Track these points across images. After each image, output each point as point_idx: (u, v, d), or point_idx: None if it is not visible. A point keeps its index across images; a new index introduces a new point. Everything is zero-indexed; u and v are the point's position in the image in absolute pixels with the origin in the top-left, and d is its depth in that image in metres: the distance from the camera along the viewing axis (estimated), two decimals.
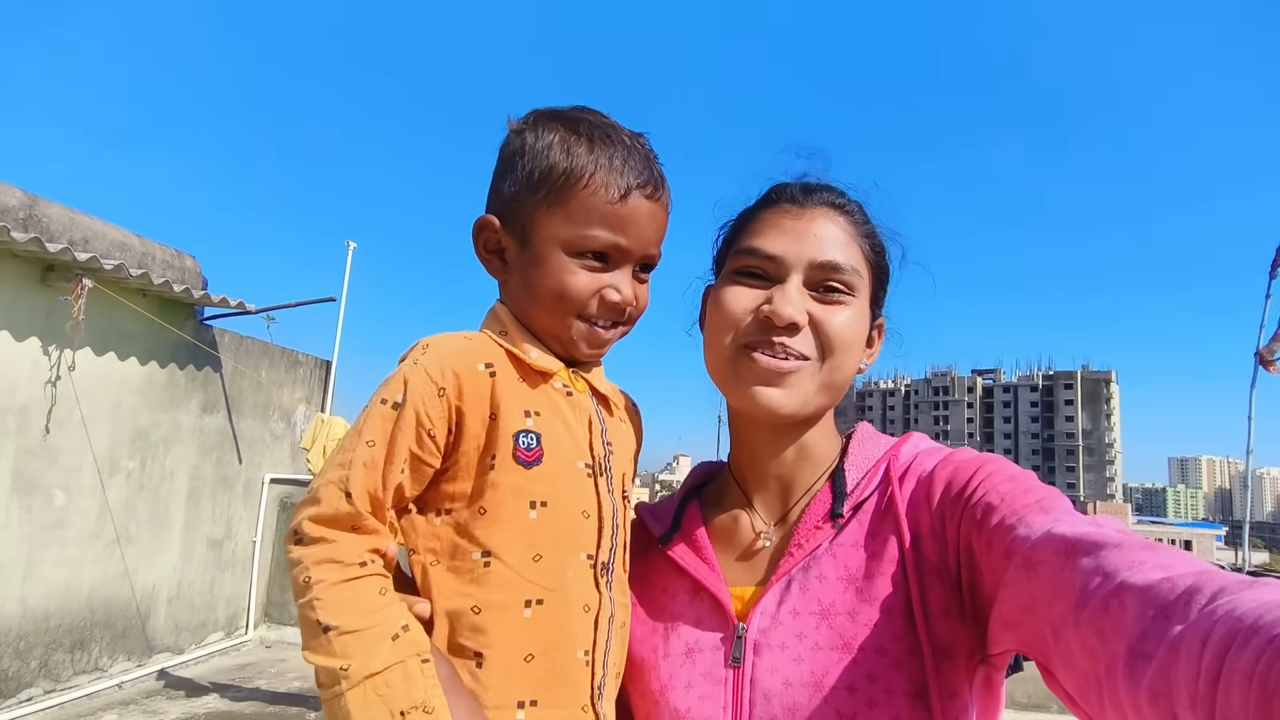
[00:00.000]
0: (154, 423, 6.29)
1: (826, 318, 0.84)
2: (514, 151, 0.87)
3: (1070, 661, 0.57)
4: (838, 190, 0.91)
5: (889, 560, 0.78)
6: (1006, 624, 0.67)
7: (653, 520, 0.96)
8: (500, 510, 0.79)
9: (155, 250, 6.31)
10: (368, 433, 0.77)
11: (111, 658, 5.94)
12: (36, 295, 5.21)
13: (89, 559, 5.72)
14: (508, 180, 0.87)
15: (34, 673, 5.29)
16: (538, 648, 0.78)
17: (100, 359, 5.76)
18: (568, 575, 0.81)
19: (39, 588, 5.34)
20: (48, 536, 5.39)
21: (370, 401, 0.79)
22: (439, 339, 0.83)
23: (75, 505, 5.59)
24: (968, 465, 0.79)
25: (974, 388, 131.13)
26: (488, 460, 0.80)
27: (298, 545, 0.75)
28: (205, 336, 6.81)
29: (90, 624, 5.74)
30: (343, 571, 0.73)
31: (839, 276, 0.85)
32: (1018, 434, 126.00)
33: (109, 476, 5.86)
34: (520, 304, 0.88)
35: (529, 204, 0.85)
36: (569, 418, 0.86)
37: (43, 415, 5.30)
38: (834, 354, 0.84)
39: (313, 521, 0.75)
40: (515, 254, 0.88)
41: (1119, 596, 0.52)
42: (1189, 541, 71.08)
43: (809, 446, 0.89)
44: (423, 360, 0.80)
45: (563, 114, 0.89)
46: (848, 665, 0.74)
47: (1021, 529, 0.66)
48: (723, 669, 0.80)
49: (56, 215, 5.41)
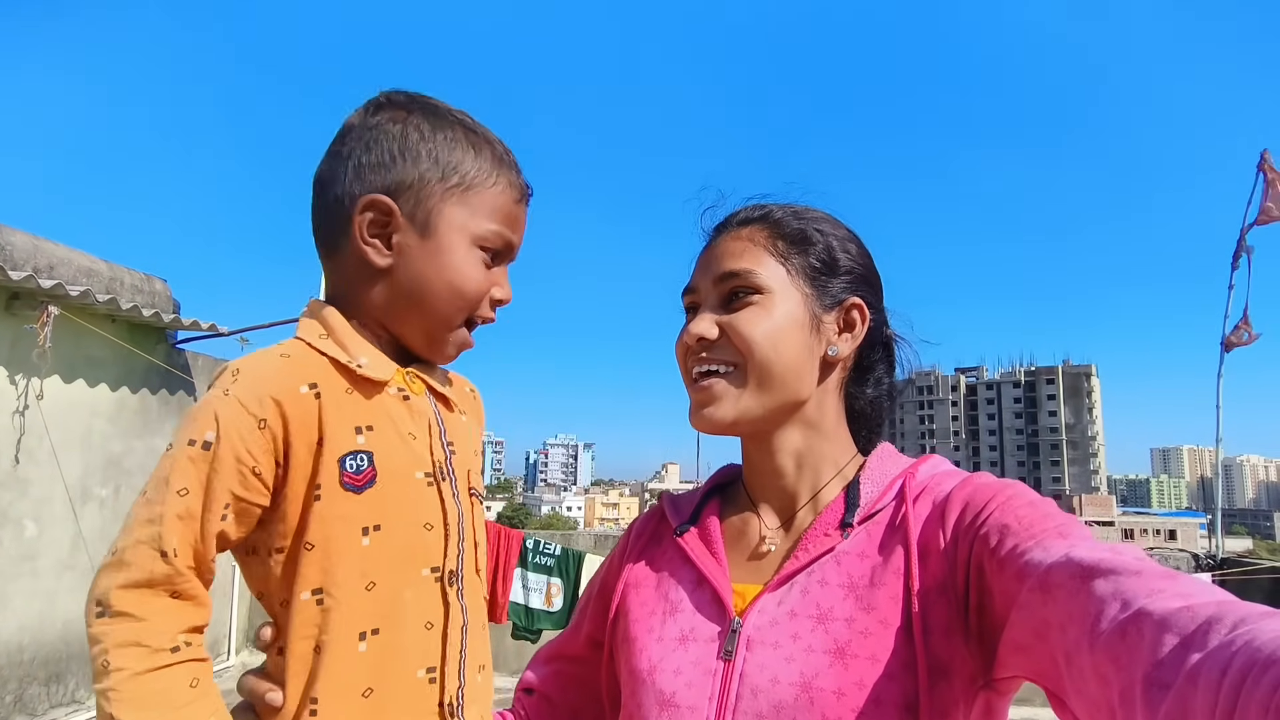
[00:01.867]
0: (127, 449, 6.22)
1: (734, 321, 0.87)
2: (411, 135, 0.82)
3: (1083, 688, 0.57)
4: (750, 207, 0.95)
5: (893, 573, 0.78)
6: (1017, 648, 0.67)
7: (673, 511, 0.98)
8: (330, 544, 0.74)
9: (124, 275, 6.26)
10: (177, 480, 0.69)
11: (88, 690, 5.83)
12: (1, 325, 5.15)
13: (63, 590, 5.62)
14: (403, 163, 0.80)
15: (9, 707, 5.19)
16: (375, 680, 0.75)
17: (69, 386, 5.69)
18: (404, 596, 0.78)
19: (12, 621, 5.25)
20: (19, 569, 5.30)
21: (174, 444, 0.71)
22: (251, 361, 0.76)
23: (47, 535, 5.51)
24: (987, 489, 0.79)
25: (957, 386, 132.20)
26: (313, 492, 0.75)
27: (100, 619, 0.66)
28: (177, 360, 6.74)
29: (66, 656, 5.64)
30: (149, 659, 0.66)
31: (738, 281, 0.88)
32: (1002, 430, 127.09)
33: (81, 505, 5.78)
34: (390, 299, 0.82)
35: (436, 192, 0.81)
36: (406, 426, 0.81)
37: (11, 445, 5.23)
38: (754, 351, 0.85)
39: (122, 590, 0.67)
40: (412, 242, 0.80)
41: (1137, 624, 0.52)
42: (1173, 530, 71.92)
43: (805, 453, 0.90)
44: (235, 389, 0.72)
45: (448, 108, 0.86)
46: (839, 670, 0.74)
47: (1037, 552, 0.66)
48: (714, 660, 0.81)
49: (20, 242, 5.35)
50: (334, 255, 0.83)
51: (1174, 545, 42.83)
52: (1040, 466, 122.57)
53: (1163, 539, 70.25)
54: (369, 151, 0.81)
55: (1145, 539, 69.78)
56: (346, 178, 0.81)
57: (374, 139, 0.81)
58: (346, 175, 0.81)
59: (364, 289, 0.82)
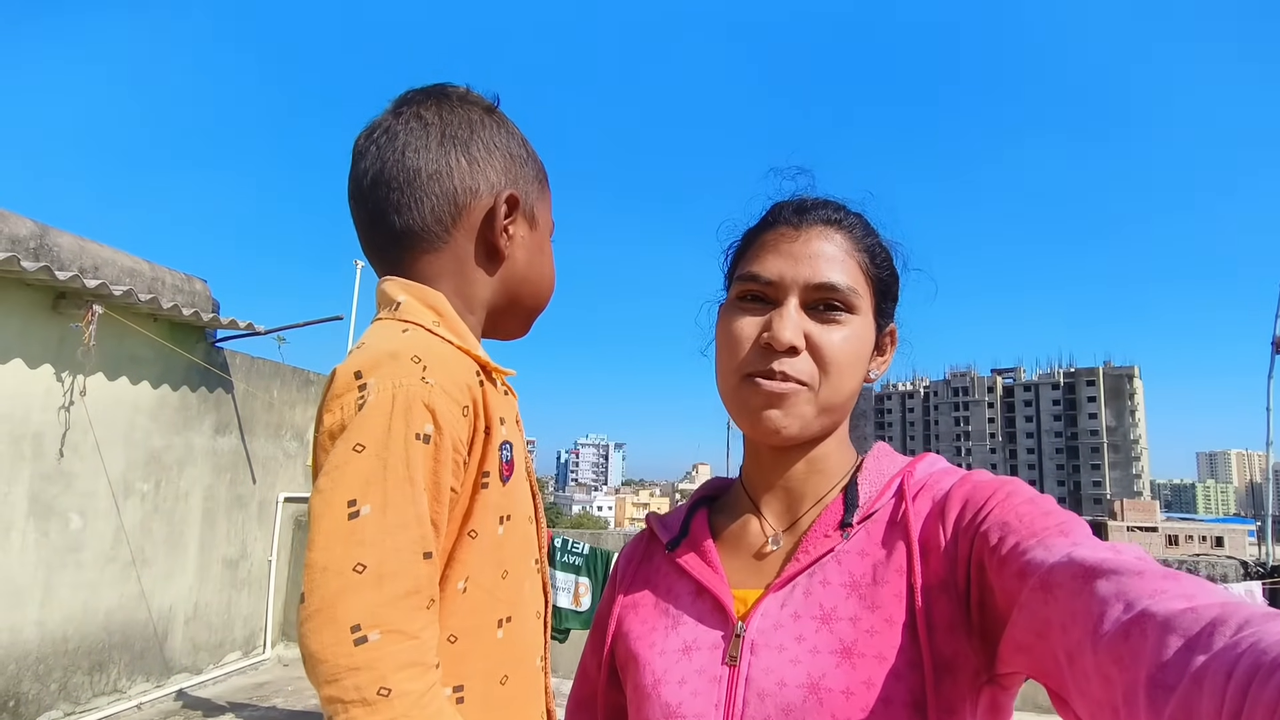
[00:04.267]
0: (167, 445, 6.37)
1: (824, 338, 0.84)
2: (509, 133, 0.86)
3: (1085, 689, 0.56)
4: (834, 205, 0.90)
5: (895, 570, 0.77)
6: (1019, 647, 0.66)
7: (661, 529, 0.97)
8: (480, 531, 0.75)
9: (165, 275, 6.41)
10: (419, 476, 0.65)
11: (130, 679, 6.00)
12: (48, 323, 5.30)
13: (106, 581, 5.79)
14: (512, 158, 0.85)
15: (54, 695, 5.35)
16: (510, 667, 0.77)
17: (113, 384, 5.85)
18: (525, 586, 0.81)
19: (57, 611, 5.41)
20: (64, 560, 5.46)
21: (393, 438, 0.65)
22: (422, 346, 0.72)
23: (91, 528, 5.67)
24: (986, 486, 0.78)
25: (994, 387, 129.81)
26: (480, 481, 0.74)
27: (361, 646, 0.58)
28: (216, 359, 6.90)
29: (108, 646, 5.80)
30: (427, 677, 0.61)
31: (836, 296, 0.84)
32: (1040, 433, 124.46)
33: (124, 499, 5.94)
34: (502, 286, 0.84)
35: (534, 188, 0.87)
36: (515, 418, 0.83)
37: (57, 440, 5.39)
38: (831, 375, 0.84)
39: (389, 606, 0.60)
40: (524, 233, 0.85)
41: (1140, 625, 0.51)
42: (1220, 537, 69.76)
43: (819, 460, 0.90)
44: (434, 377, 0.69)
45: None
46: (846, 670, 0.73)
47: (1039, 551, 0.65)
48: (719, 666, 0.79)
49: (66, 244, 5.51)
50: (437, 244, 0.81)
51: (1221, 552, 41.64)
52: (1080, 470, 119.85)
53: (1209, 546, 68.11)
54: (479, 144, 0.83)
55: (1191, 545, 67.75)
56: (464, 169, 0.81)
57: (477, 131, 0.83)
58: (464, 166, 0.81)
59: (475, 276, 0.83)
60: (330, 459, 0.64)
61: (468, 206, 0.81)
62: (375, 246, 0.83)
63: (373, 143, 0.82)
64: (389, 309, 0.78)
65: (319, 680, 0.60)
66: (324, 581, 0.59)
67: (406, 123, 0.82)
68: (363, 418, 0.64)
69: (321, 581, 0.59)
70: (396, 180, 0.80)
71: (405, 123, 0.82)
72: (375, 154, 0.81)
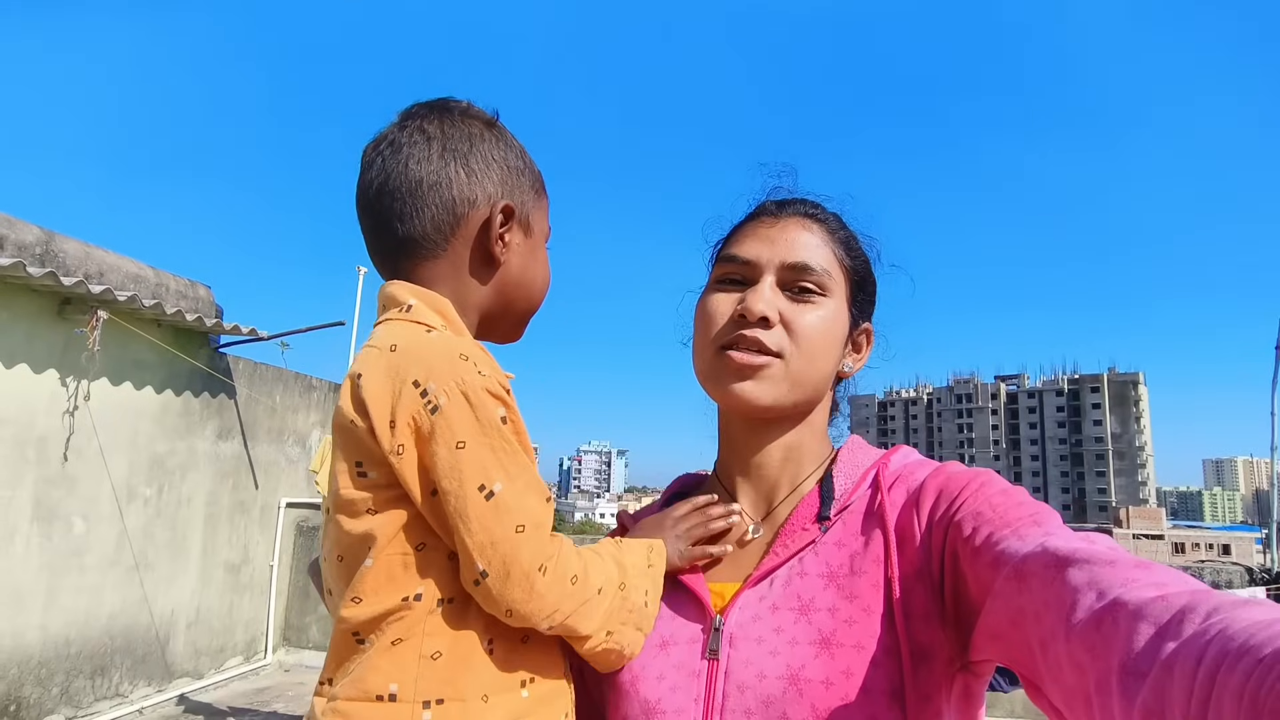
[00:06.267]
0: (170, 450, 6.39)
1: (797, 315, 0.87)
2: (506, 141, 0.89)
3: (1058, 676, 0.57)
4: (811, 202, 0.95)
5: (872, 561, 0.78)
6: (992, 635, 0.67)
7: (633, 525, 0.97)
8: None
9: (169, 281, 6.44)
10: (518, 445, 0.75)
11: (132, 683, 6.01)
12: (54, 328, 5.33)
13: (108, 585, 5.80)
14: (510, 168, 0.88)
15: (55, 700, 5.36)
16: (566, 660, 0.82)
17: (117, 388, 5.87)
18: None
19: (60, 615, 5.42)
20: (68, 564, 5.48)
21: (484, 426, 0.73)
22: (464, 345, 0.78)
23: (94, 532, 5.68)
24: (960, 477, 0.79)
25: (997, 394, 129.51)
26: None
27: (544, 574, 0.72)
28: (219, 364, 6.92)
29: (110, 650, 5.81)
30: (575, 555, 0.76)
31: (810, 277, 0.88)
32: (1044, 439, 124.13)
33: (127, 504, 5.95)
34: (496, 292, 0.88)
35: (529, 197, 0.90)
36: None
37: (61, 444, 5.41)
38: (803, 348, 0.86)
39: (546, 543, 0.74)
40: (519, 241, 0.88)
41: (1112, 613, 0.52)
42: (1227, 545, 69.41)
43: (794, 447, 0.91)
44: (486, 369, 0.75)
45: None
46: (825, 660, 0.74)
47: (1012, 541, 0.66)
48: (698, 661, 0.80)
49: (72, 250, 5.54)
50: (437, 251, 0.85)
51: (1228, 559, 41.36)
52: (1085, 477, 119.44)
53: (1215, 553, 67.73)
54: (478, 157, 0.86)
55: (1197, 553, 67.38)
56: (463, 181, 0.85)
57: (476, 145, 0.87)
58: (462, 178, 0.85)
59: (473, 283, 0.87)
60: (440, 463, 0.71)
61: (465, 216, 0.85)
62: (380, 253, 0.87)
63: (379, 154, 0.86)
64: (399, 310, 0.81)
65: (540, 616, 0.73)
66: (496, 552, 0.71)
67: (410, 136, 0.86)
68: (447, 420, 0.71)
69: (494, 553, 0.71)
70: (400, 190, 0.84)
71: (409, 136, 0.86)
72: (381, 165, 0.85)
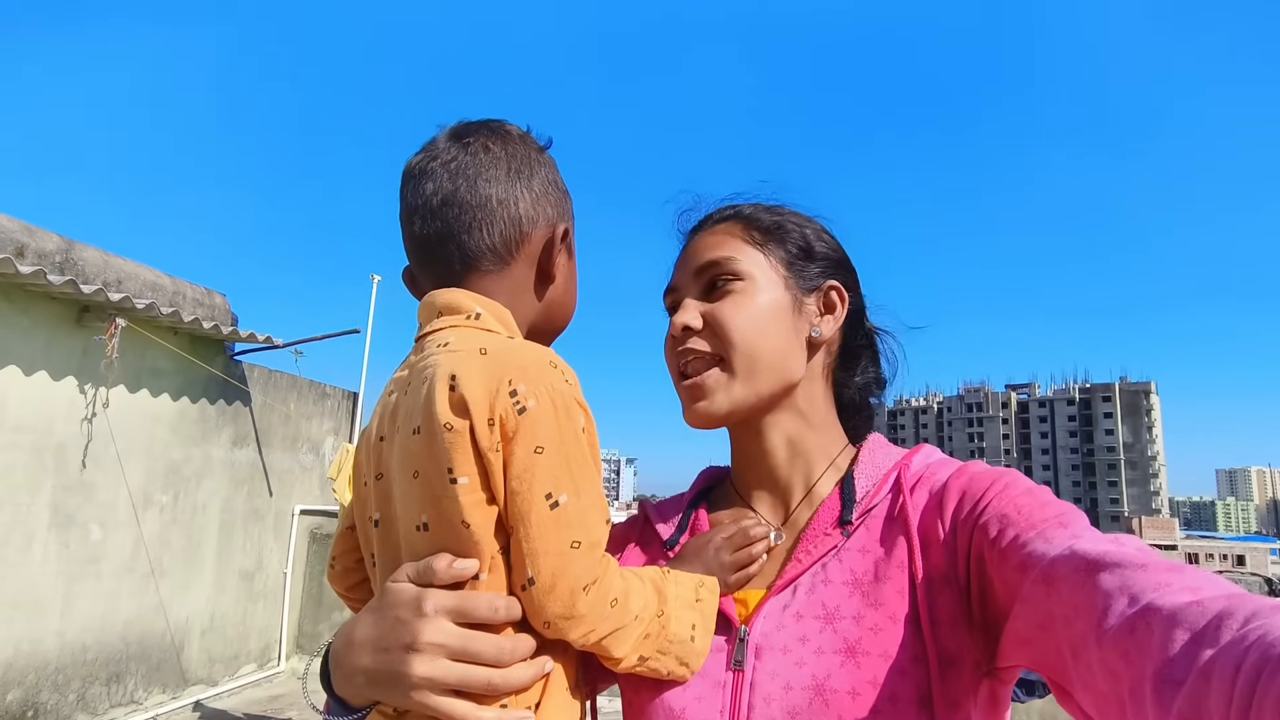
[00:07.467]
0: (186, 457, 6.44)
1: (717, 310, 0.88)
2: (550, 169, 0.92)
3: (1090, 683, 0.56)
4: (724, 207, 0.98)
5: (897, 566, 0.77)
6: (1021, 640, 0.66)
7: (660, 521, 0.96)
8: None
9: (186, 289, 6.51)
10: (591, 461, 0.76)
11: (147, 690, 6.03)
12: (72, 336, 5.39)
13: (124, 592, 5.84)
14: (562, 192, 0.92)
15: (71, 706, 5.39)
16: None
17: (134, 396, 5.93)
18: None
19: (76, 621, 5.45)
20: (84, 570, 5.51)
21: (565, 436, 0.74)
22: (547, 354, 0.79)
23: (111, 539, 5.72)
24: (983, 477, 0.78)
25: (1008, 403, 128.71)
26: None
27: (585, 594, 0.72)
28: (235, 371, 6.97)
29: (126, 657, 5.84)
30: (619, 579, 0.77)
31: (718, 270, 0.89)
32: (1055, 449, 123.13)
33: (143, 510, 6.00)
34: (545, 308, 0.91)
35: (568, 219, 0.93)
36: None
37: (79, 451, 5.46)
38: (735, 339, 0.86)
39: (597, 564, 0.74)
40: (564, 261, 0.91)
41: (1145, 618, 0.51)
42: (1241, 556, 68.53)
43: (796, 442, 0.90)
44: (570, 378, 0.77)
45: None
46: (851, 669, 0.73)
47: (1039, 543, 0.65)
48: (724, 671, 0.79)
49: (91, 258, 5.62)
50: (500, 265, 0.87)
51: (1244, 570, 40.79)
52: (1097, 487, 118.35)
53: (1230, 564, 66.93)
54: (540, 180, 0.90)
55: (1211, 563, 66.57)
56: (529, 201, 0.88)
57: (536, 169, 0.90)
58: (528, 199, 0.88)
59: (528, 298, 0.90)
60: (515, 464, 0.72)
61: (529, 235, 0.88)
62: (438, 261, 0.87)
63: (442, 166, 0.86)
64: (466, 316, 0.83)
65: (575, 633, 0.73)
66: (547, 562, 0.71)
67: (475, 154, 0.87)
68: (532, 424, 0.72)
69: (544, 562, 0.71)
70: (469, 204, 0.85)
71: (474, 154, 0.87)
72: (446, 178, 0.86)
